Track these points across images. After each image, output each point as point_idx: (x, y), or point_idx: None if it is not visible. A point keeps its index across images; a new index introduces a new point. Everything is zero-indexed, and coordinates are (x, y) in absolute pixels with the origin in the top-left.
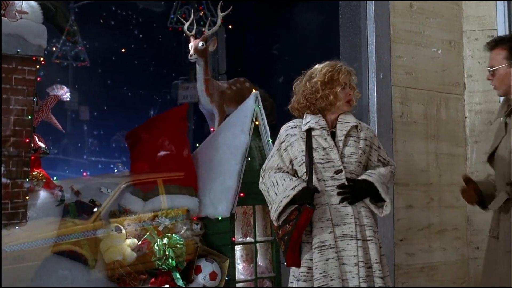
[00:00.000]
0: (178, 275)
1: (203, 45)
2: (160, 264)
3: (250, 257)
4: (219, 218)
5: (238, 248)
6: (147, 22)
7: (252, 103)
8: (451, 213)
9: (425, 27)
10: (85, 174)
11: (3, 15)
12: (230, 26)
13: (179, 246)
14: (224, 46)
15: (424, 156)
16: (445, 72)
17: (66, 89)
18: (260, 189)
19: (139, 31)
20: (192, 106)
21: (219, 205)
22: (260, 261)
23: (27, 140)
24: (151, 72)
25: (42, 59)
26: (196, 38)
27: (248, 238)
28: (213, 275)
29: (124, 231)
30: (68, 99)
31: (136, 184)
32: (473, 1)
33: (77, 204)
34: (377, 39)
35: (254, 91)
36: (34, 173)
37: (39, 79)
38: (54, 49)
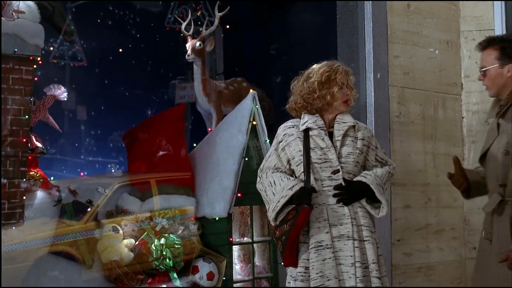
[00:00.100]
0: (175, 275)
1: (200, 45)
2: (158, 264)
3: (248, 257)
4: (217, 218)
5: (235, 248)
6: (144, 22)
7: (249, 103)
8: (449, 213)
9: (423, 27)
10: (82, 174)
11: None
12: (228, 26)
13: (176, 246)
14: (222, 46)
15: (422, 156)
16: (442, 72)
17: (63, 88)
18: (257, 189)
19: (136, 31)
20: (190, 106)
21: (217, 205)
22: (257, 261)
23: (24, 140)
24: (148, 72)
25: (39, 58)
26: (193, 38)
27: (245, 238)
28: (210, 275)
29: (121, 231)
30: (65, 99)
31: (133, 184)
32: (471, 1)
33: (74, 204)
34: (374, 39)
35: (251, 91)
36: (31, 173)
37: (36, 78)
38: (52, 48)
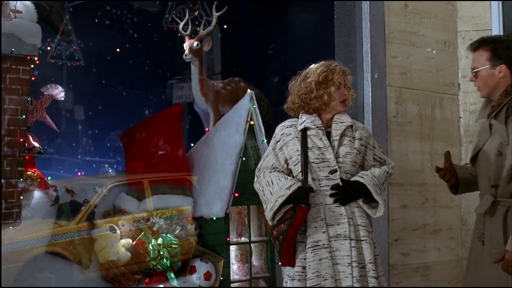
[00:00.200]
0: (172, 275)
1: (198, 45)
2: (155, 264)
3: (245, 257)
4: (214, 218)
5: (232, 248)
6: (142, 22)
7: (247, 103)
8: (446, 213)
9: (420, 27)
10: (79, 174)
11: None
12: (225, 26)
13: (173, 246)
14: (219, 46)
15: (419, 156)
16: (439, 72)
17: (60, 88)
18: (255, 189)
19: (134, 30)
20: (187, 106)
21: (214, 205)
22: (254, 261)
23: (21, 140)
24: (146, 71)
25: (36, 58)
26: (191, 38)
27: (242, 238)
28: (207, 275)
29: (118, 231)
30: (63, 99)
31: (131, 184)
32: (468, 1)
33: (71, 204)
34: (372, 39)
35: (249, 90)
36: (28, 172)
37: (33, 78)
38: (49, 48)
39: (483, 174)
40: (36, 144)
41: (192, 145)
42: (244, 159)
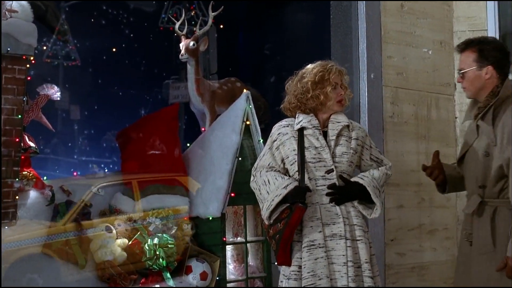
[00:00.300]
0: (168, 275)
1: (194, 44)
2: (151, 264)
3: (241, 257)
4: (210, 218)
5: (229, 248)
6: (138, 22)
7: (243, 103)
8: (442, 213)
9: (416, 28)
10: (75, 173)
11: None
12: (221, 26)
13: (169, 246)
14: (215, 45)
15: (415, 156)
16: (435, 72)
17: (56, 88)
18: (251, 188)
19: (130, 30)
20: (183, 106)
21: (210, 205)
22: (251, 261)
23: (17, 140)
24: (142, 71)
25: (32, 58)
26: (187, 37)
27: (239, 238)
28: (203, 275)
29: (114, 231)
30: (59, 99)
31: (126, 184)
32: (464, 1)
33: (67, 204)
34: (368, 39)
35: (245, 91)
36: (24, 172)
37: (29, 78)
38: (45, 48)
39: (470, 175)
40: (32, 144)
41: (188, 145)
42: (240, 159)
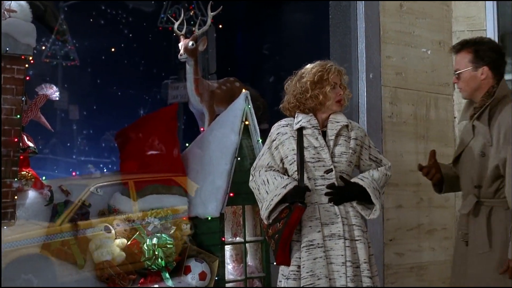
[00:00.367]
0: (167, 275)
1: (193, 44)
2: (150, 264)
3: (240, 257)
4: (209, 218)
5: (227, 248)
6: (137, 22)
7: (242, 103)
8: (440, 213)
9: (415, 28)
10: (74, 173)
11: None
12: (220, 26)
13: (168, 246)
14: (214, 45)
15: (414, 156)
16: (434, 72)
17: (55, 88)
18: (250, 188)
19: (129, 30)
20: (182, 106)
21: (209, 205)
22: (249, 261)
23: (16, 140)
24: (141, 71)
25: (31, 58)
26: (186, 37)
27: (237, 238)
28: (202, 275)
29: (113, 231)
30: (57, 99)
31: (125, 184)
32: (463, 1)
33: (66, 204)
34: (367, 39)
35: (244, 90)
36: (23, 172)
37: (28, 78)
38: (44, 48)
39: (466, 175)
40: (31, 144)
41: (187, 145)
42: (239, 159)
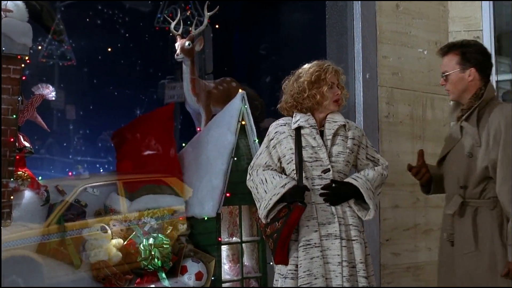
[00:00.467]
0: (164, 275)
1: (189, 44)
2: (146, 264)
3: (236, 257)
4: (205, 218)
5: (224, 248)
6: (133, 22)
7: (238, 103)
8: (437, 213)
9: (411, 28)
10: (70, 173)
11: None
12: (217, 26)
13: (165, 246)
14: (211, 45)
15: (410, 156)
16: (431, 72)
17: (51, 88)
18: (248, 187)
19: (125, 30)
20: (179, 106)
21: (205, 205)
22: (246, 261)
23: (12, 139)
24: (137, 71)
25: (27, 57)
26: (182, 37)
27: (234, 238)
28: (199, 275)
29: (109, 231)
30: (54, 98)
31: (122, 184)
32: (459, 1)
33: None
34: (363, 39)
35: (240, 90)
36: (19, 172)
37: (24, 78)
38: (40, 48)
39: (452, 175)
40: (27, 144)
41: (184, 145)
42: (235, 159)
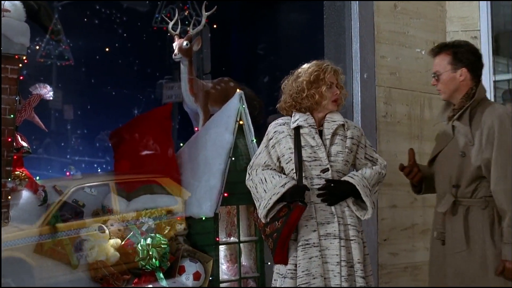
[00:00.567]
0: (161, 275)
1: (187, 44)
2: (144, 264)
3: (234, 257)
4: (203, 218)
5: (222, 248)
6: (131, 21)
7: (236, 103)
8: None
9: (409, 28)
10: (68, 173)
11: None
12: (215, 26)
13: (162, 246)
14: (209, 45)
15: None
16: (428, 72)
17: (49, 88)
18: (247, 186)
19: (123, 30)
20: (177, 106)
21: (203, 205)
22: (244, 261)
23: (10, 139)
24: (135, 71)
25: (25, 57)
26: (180, 37)
27: (232, 238)
28: (196, 275)
29: (107, 231)
30: (51, 98)
31: (119, 184)
32: (457, 1)
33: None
34: (361, 39)
35: (238, 90)
36: (16, 172)
37: (22, 77)
38: (38, 47)
39: (443, 174)
40: (25, 144)
41: (182, 145)
42: (233, 158)
